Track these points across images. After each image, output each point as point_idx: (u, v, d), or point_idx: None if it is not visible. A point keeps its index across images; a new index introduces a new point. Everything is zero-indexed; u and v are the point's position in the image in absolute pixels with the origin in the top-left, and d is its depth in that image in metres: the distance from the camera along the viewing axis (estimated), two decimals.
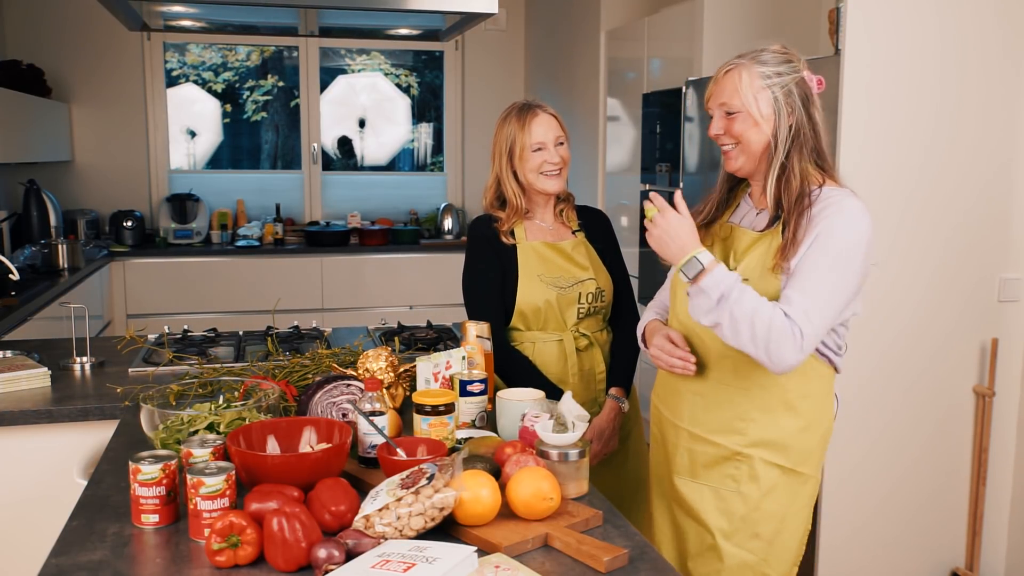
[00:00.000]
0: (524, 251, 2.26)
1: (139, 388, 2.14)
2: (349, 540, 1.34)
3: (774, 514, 1.78)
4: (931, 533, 2.99)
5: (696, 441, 1.84)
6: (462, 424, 1.93)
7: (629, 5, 4.69)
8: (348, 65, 6.04)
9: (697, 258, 1.68)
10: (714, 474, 1.82)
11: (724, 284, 1.65)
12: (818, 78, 1.77)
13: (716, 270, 1.67)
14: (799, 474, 1.79)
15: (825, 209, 1.69)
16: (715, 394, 1.81)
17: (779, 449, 1.77)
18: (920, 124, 2.80)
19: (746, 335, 1.63)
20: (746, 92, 1.74)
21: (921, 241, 2.84)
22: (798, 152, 1.73)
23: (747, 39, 3.71)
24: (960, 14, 2.78)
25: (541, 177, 2.23)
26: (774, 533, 1.79)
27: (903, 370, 2.89)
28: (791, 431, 1.77)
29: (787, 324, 1.63)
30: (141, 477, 1.46)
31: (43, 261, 4.33)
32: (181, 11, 2.63)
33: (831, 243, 1.67)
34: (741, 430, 1.78)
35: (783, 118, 1.73)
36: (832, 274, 1.67)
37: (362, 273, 5.43)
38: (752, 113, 1.73)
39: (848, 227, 1.68)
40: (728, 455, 1.80)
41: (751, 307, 1.63)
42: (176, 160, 5.81)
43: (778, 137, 1.73)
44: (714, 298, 1.65)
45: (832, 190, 1.74)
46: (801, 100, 1.73)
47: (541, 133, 2.22)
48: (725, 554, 1.80)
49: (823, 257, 1.66)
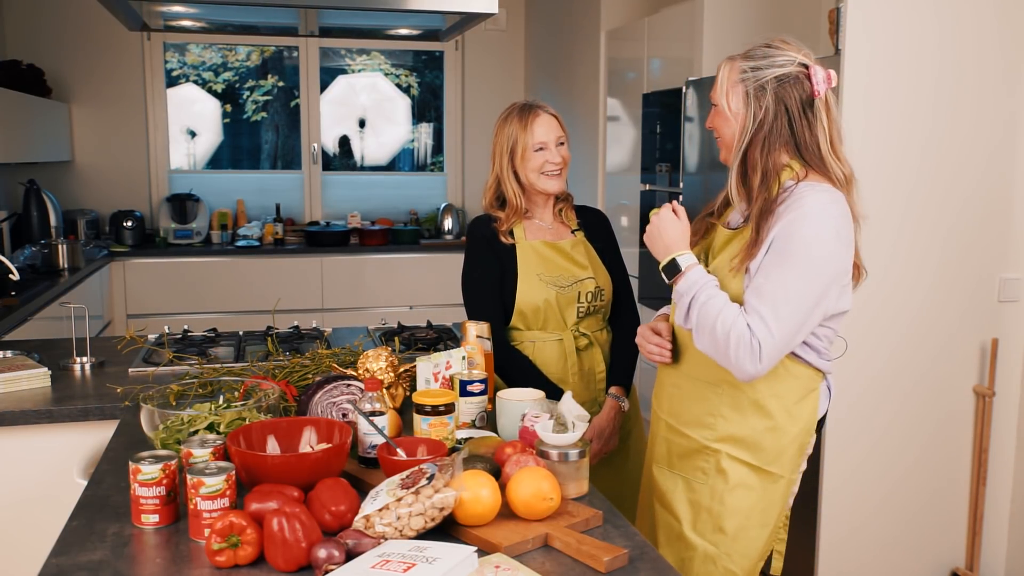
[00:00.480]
0: (523, 250, 2.26)
1: (139, 388, 2.14)
2: (349, 540, 1.34)
3: (739, 510, 1.78)
4: (931, 533, 2.99)
5: (672, 432, 1.88)
6: (462, 424, 1.93)
7: (629, 5, 4.69)
8: (348, 65, 6.04)
9: (677, 259, 1.73)
10: (687, 465, 1.85)
11: (695, 287, 1.69)
12: (827, 72, 1.72)
13: (691, 272, 1.71)
14: (768, 473, 1.78)
15: (789, 208, 1.66)
16: (690, 388, 1.84)
17: (747, 447, 1.77)
18: (920, 124, 2.80)
19: (707, 340, 1.67)
20: (722, 86, 1.75)
21: (921, 241, 2.84)
22: (760, 147, 1.71)
23: (747, 39, 3.69)
24: (959, 14, 2.78)
25: (542, 177, 2.23)
26: (738, 528, 1.79)
27: (903, 370, 2.89)
28: (759, 430, 1.76)
29: (746, 335, 1.63)
30: (141, 477, 1.46)
31: (43, 261, 4.33)
32: (181, 11, 2.63)
33: (790, 245, 1.63)
34: (710, 425, 1.80)
35: (751, 113, 1.71)
36: (793, 278, 1.63)
37: (362, 273, 5.43)
38: (723, 107, 1.75)
39: (808, 224, 1.64)
40: (698, 448, 1.82)
41: (715, 313, 1.66)
42: (176, 160, 5.81)
43: (743, 129, 1.72)
44: (686, 301, 1.70)
45: (806, 186, 1.69)
46: (778, 95, 1.69)
47: (543, 133, 2.22)
48: (690, 544, 1.81)
49: (782, 260, 1.64)
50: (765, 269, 1.66)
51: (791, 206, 1.66)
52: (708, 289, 1.68)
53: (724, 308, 1.66)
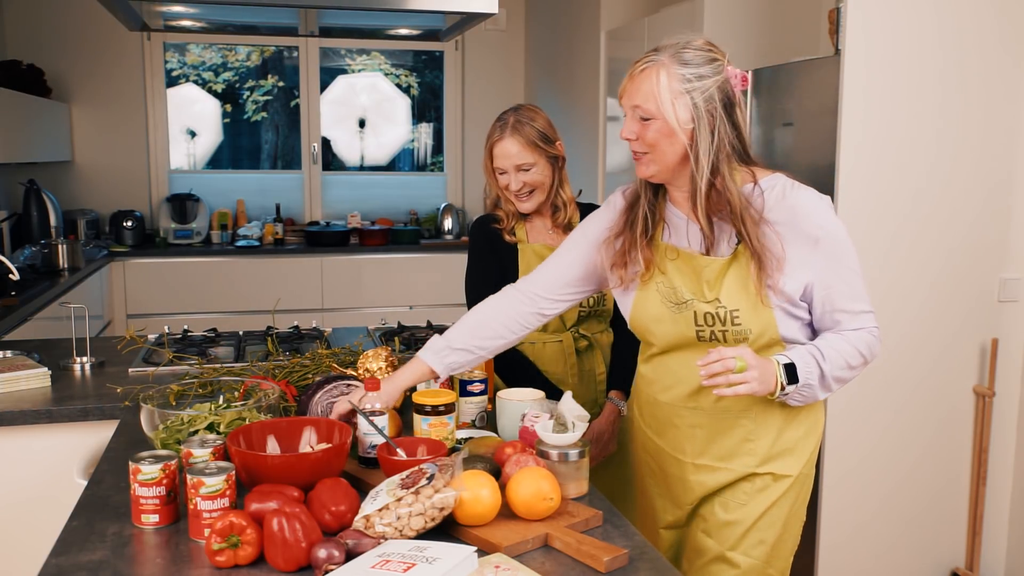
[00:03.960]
0: (525, 252, 2.25)
1: (139, 388, 2.14)
2: (349, 540, 1.34)
3: (778, 519, 1.76)
4: (931, 533, 2.99)
5: (702, 471, 1.77)
6: (462, 424, 1.94)
7: (629, 5, 4.68)
8: (348, 65, 6.04)
9: (785, 366, 1.60)
10: (723, 495, 1.77)
11: (811, 364, 1.61)
12: (742, 75, 1.63)
13: (797, 360, 1.61)
14: (800, 476, 1.78)
15: (787, 209, 1.61)
16: (714, 424, 1.74)
17: (788, 459, 1.74)
18: (920, 124, 2.80)
19: (852, 377, 1.68)
20: (663, 97, 1.57)
21: (921, 242, 2.84)
22: (726, 162, 1.60)
23: (747, 39, 3.71)
24: (959, 14, 2.78)
25: (512, 197, 2.23)
26: (777, 537, 1.77)
27: (903, 370, 2.89)
28: (795, 438, 1.75)
29: (871, 339, 1.66)
30: (141, 477, 1.46)
31: (43, 261, 4.33)
32: (181, 11, 2.63)
33: (830, 241, 1.62)
34: (751, 451, 1.73)
35: (703, 127, 1.57)
36: (852, 263, 1.65)
37: (362, 273, 5.43)
38: (669, 121, 1.58)
39: (821, 214, 1.63)
40: (741, 477, 1.75)
41: (845, 362, 1.64)
42: (176, 160, 5.81)
43: (699, 149, 1.58)
44: (816, 382, 1.63)
45: (769, 180, 1.65)
46: (723, 105, 1.59)
47: (500, 160, 2.19)
48: (732, 562, 1.77)
49: (834, 254, 1.62)
50: (829, 272, 1.63)
51: (784, 207, 1.62)
52: (817, 356, 1.62)
53: (840, 348, 1.63)
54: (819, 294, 1.64)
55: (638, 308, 1.75)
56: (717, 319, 1.65)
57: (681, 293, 1.68)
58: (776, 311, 1.64)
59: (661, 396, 1.81)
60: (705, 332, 1.67)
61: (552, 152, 2.21)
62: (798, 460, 1.76)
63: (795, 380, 1.60)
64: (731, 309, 1.63)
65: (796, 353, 1.62)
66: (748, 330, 1.64)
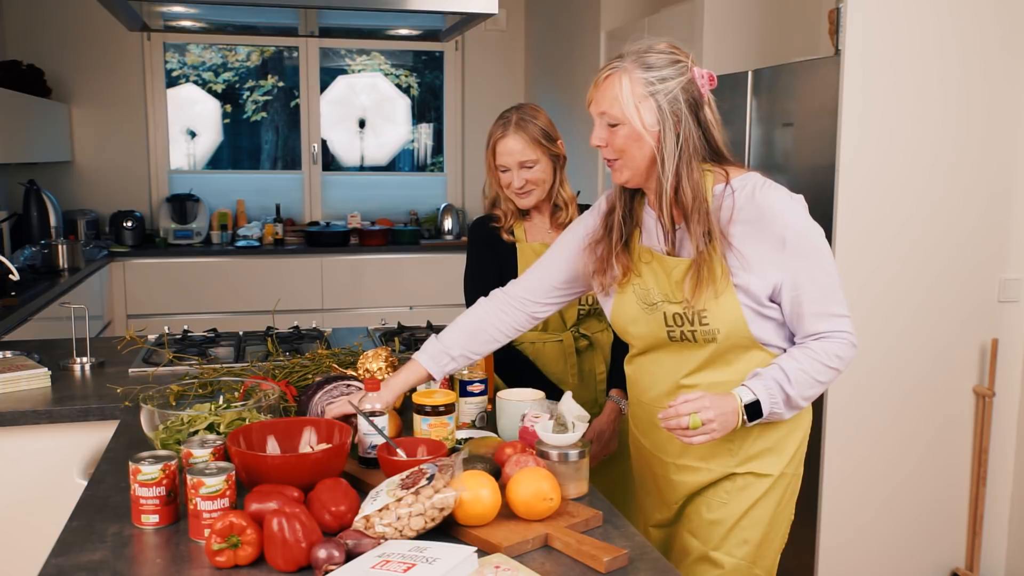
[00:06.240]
0: (523, 252, 2.25)
1: (139, 388, 2.13)
2: (349, 540, 1.34)
3: (762, 519, 1.77)
4: (931, 533, 2.99)
5: (684, 471, 1.79)
6: (462, 424, 1.94)
7: (629, 5, 4.69)
8: (348, 65, 6.04)
9: (746, 404, 1.61)
10: (705, 495, 1.79)
11: (775, 392, 1.61)
12: (709, 74, 1.64)
13: (759, 393, 1.61)
14: (783, 475, 1.78)
15: (757, 208, 1.61)
16: None
17: (769, 458, 1.75)
18: (919, 124, 2.80)
19: (823, 390, 1.68)
20: (627, 102, 1.59)
21: (921, 242, 2.84)
22: (687, 165, 1.61)
23: (747, 39, 3.71)
24: (960, 14, 2.78)
25: (512, 194, 2.23)
26: (762, 536, 1.78)
27: (903, 371, 2.89)
28: (776, 438, 1.75)
29: (844, 345, 1.64)
30: (141, 477, 1.46)
31: (43, 261, 4.33)
32: (181, 11, 2.63)
33: (804, 241, 1.61)
34: (730, 451, 1.74)
35: (668, 129, 1.59)
36: (827, 264, 1.64)
37: (362, 273, 5.43)
38: (635, 126, 1.59)
39: (794, 215, 1.62)
40: (721, 477, 1.76)
41: (813, 379, 1.63)
42: (176, 160, 5.81)
43: (664, 151, 1.60)
44: (783, 407, 1.63)
45: (741, 180, 1.64)
46: (688, 106, 1.60)
47: (503, 157, 2.19)
48: (716, 562, 1.78)
49: (808, 255, 1.62)
50: (798, 273, 1.61)
51: (752, 206, 1.62)
52: (778, 378, 1.62)
53: (805, 368, 1.62)
54: (787, 295, 1.64)
55: (616, 310, 1.78)
56: (685, 319, 1.67)
57: (653, 294, 1.71)
58: (745, 311, 1.64)
59: (643, 397, 1.83)
60: (675, 332, 1.69)
61: (554, 151, 2.22)
62: (780, 459, 1.76)
63: (758, 414, 1.61)
64: (699, 309, 1.65)
65: (760, 383, 1.62)
66: (716, 330, 1.65)
